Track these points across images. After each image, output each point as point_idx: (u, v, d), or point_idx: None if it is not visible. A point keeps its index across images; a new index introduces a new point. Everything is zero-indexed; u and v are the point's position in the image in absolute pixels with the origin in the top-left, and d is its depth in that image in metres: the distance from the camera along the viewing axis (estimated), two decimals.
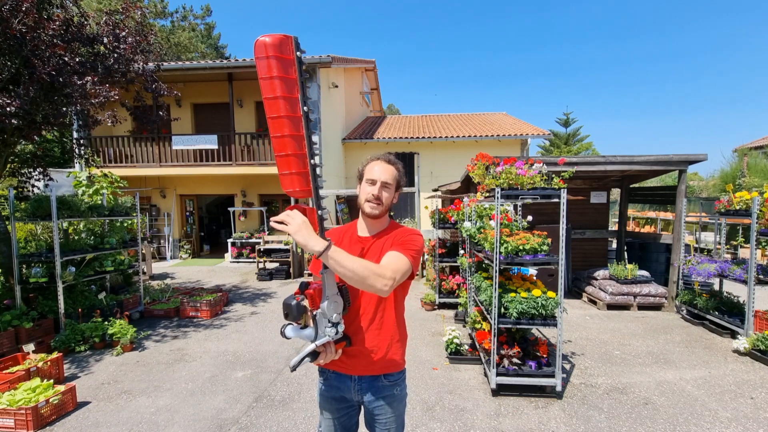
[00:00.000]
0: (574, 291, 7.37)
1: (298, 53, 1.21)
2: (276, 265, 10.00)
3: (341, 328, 1.32)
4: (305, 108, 1.24)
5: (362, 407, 1.60)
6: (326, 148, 11.30)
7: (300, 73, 1.22)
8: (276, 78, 1.18)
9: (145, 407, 3.36)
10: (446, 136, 12.76)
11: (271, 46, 1.16)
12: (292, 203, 7.45)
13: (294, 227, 1.23)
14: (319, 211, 1.32)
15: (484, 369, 3.89)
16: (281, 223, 1.26)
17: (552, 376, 3.45)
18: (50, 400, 3.13)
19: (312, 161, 1.29)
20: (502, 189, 3.49)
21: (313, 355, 1.31)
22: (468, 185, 7.83)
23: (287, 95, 1.21)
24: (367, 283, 1.34)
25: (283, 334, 1.31)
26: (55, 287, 4.80)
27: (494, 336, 3.46)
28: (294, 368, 1.28)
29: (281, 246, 9.92)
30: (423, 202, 11.66)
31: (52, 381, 3.42)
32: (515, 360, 3.54)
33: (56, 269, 4.78)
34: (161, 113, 6.47)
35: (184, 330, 5.45)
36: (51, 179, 6.31)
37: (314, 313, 1.30)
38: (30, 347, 4.53)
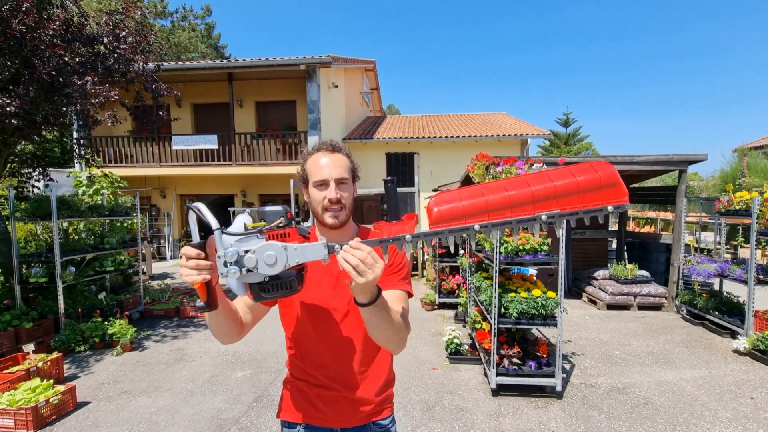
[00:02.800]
0: (574, 291, 7.37)
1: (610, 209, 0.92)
2: None
3: (235, 269, 0.88)
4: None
5: None
6: None
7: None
8: (573, 192, 0.92)
9: (145, 407, 3.36)
10: (446, 136, 12.75)
11: (606, 180, 0.93)
12: (293, 199, 7.41)
13: (375, 276, 0.90)
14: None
15: (484, 369, 3.89)
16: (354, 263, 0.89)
17: (552, 376, 3.45)
18: (50, 400, 3.13)
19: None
20: None
21: (200, 245, 0.92)
22: (468, 185, 7.82)
23: (546, 194, 0.94)
24: (392, 344, 1.11)
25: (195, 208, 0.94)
26: (55, 287, 4.80)
27: (494, 336, 3.46)
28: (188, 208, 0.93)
29: None
30: (423, 202, 11.66)
31: (52, 381, 3.42)
32: (515, 360, 3.54)
33: (56, 269, 4.77)
34: (161, 113, 6.47)
35: (184, 330, 5.45)
36: (51, 179, 6.31)
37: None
38: (30, 347, 4.53)
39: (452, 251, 6.46)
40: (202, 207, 0.92)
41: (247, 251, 0.89)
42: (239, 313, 1.13)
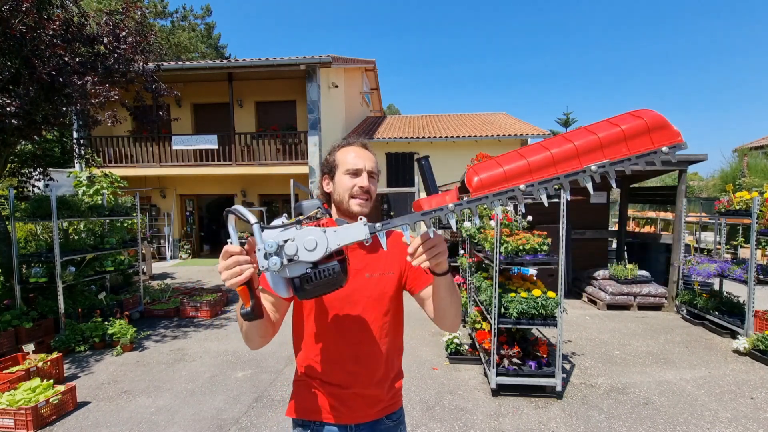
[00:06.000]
0: (574, 291, 7.37)
1: (665, 148, 0.84)
2: None
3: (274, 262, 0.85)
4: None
5: None
6: (326, 148, 11.31)
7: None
8: (620, 140, 0.85)
9: (145, 407, 3.36)
10: (446, 136, 12.76)
11: (653, 123, 0.85)
12: (293, 199, 7.42)
13: (444, 249, 0.96)
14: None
15: (484, 369, 3.89)
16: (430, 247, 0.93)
17: (552, 376, 3.45)
18: (50, 400, 3.13)
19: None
20: None
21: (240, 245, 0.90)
22: None
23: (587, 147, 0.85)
24: (454, 316, 1.15)
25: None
26: (55, 287, 4.80)
27: (494, 336, 3.46)
28: (226, 214, 0.92)
29: None
30: None
31: (52, 381, 3.42)
32: (515, 360, 3.54)
33: (56, 269, 4.77)
34: (161, 113, 6.46)
35: (184, 330, 5.45)
36: (51, 179, 6.31)
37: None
38: (30, 347, 4.53)
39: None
40: (240, 207, 0.91)
41: (286, 240, 0.86)
42: (269, 313, 1.11)
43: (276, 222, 0.92)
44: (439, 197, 0.90)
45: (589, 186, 0.85)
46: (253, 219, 0.88)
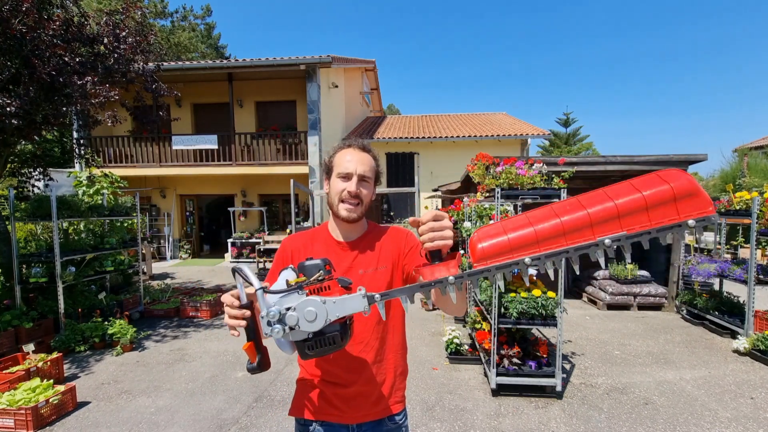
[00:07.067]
0: (574, 291, 7.37)
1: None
2: None
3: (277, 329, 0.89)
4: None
5: None
6: (326, 148, 11.31)
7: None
8: (640, 209, 0.77)
9: (145, 407, 3.36)
10: (446, 136, 12.76)
11: (681, 191, 0.76)
12: (293, 199, 7.44)
13: (449, 226, 0.93)
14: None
15: (484, 369, 3.89)
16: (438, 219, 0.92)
17: (552, 376, 3.45)
18: (50, 400, 3.13)
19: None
20: (502, 189, 3.49)
21: (246, 305, 0.95)
22: (468, 185, 7.82)
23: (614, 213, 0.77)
24: (463, 304, 1.12)
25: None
26: (55, 287, 4.79)
27: (494, 336, 3.46)
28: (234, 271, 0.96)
29: None
30: (423, 202, 11.66)
31: (52, 381, 3.42)
32: (515, 360, 3.54)
33: (56, 269, 4.77)
34: (161, 113, 6.46)
35: (184, 330, 5.45)
36: (51, 179, 6.32)
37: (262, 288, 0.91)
38: (30, 347, 4.53)
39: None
40: (245, 268, 0.95)
41: (288, 308, 0.89)
42: None
43: (280, 282, 0.96)
44: (441, 267, 0.89)
45: (601, 260, 0.78)
46: (257, 284, 0.90)
